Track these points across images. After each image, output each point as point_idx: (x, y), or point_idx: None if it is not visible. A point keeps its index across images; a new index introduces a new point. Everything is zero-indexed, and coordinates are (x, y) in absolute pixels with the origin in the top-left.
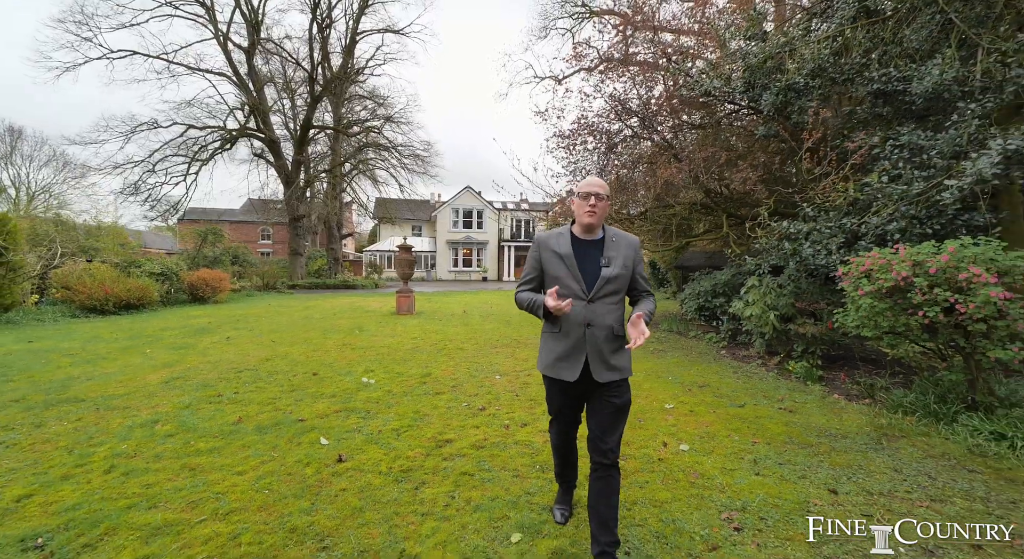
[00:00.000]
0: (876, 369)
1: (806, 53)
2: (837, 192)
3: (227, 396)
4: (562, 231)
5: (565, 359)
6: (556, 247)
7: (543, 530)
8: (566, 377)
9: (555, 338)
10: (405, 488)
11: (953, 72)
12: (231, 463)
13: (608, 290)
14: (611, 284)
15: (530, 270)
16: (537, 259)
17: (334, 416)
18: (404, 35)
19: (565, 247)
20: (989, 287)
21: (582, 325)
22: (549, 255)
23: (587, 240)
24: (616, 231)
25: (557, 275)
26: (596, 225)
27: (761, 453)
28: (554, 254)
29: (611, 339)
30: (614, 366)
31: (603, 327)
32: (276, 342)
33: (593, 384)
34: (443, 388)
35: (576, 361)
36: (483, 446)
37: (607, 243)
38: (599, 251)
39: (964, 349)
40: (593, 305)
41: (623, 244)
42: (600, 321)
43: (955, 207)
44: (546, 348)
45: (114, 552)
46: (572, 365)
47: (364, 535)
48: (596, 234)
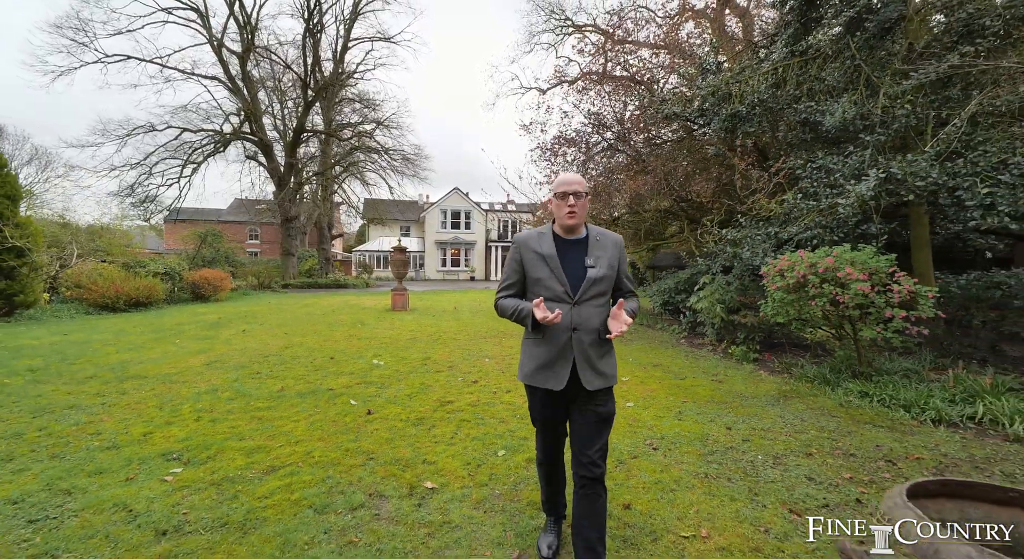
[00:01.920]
0: (803, 352)
1: (748, 87)
2: (764, 206)
3: (264, 373)
4: (543, 231)
5: (550, 367)
6: (538, 247)
7: (520, 448)
8: (552, 386)
9: (538, 344)
10: (421, 429)
11: (854, 111)
12: (287, 415)
13: (594, 292)
14: (597, 285)
15: (511, 273)
16: (518, 261)
17: (356, 387)
18: (395, 43)
19: (548, 247)
20: (858, 282)
21: (568, 330)
22: (531, 256)
23: (570, 240)
24: (600, 230)
25: (539, 277)
26: (578, 225)
27: (687, 408)
28: (536, 255)
29: (598, 343)
30: (602, 372)
31: (590, 331)
32: (289, 334)
33: (579, 392)
34: (442, 368)
35: (562, 368)
36: (477, 404)
37: (591, 242)
38: (583, 251)
39: (849, 331)
40: (579, 308)
41: (608, 243)
42: (586, 324)
43: (855, 219)
44: (528, 355)
45: (228, 460)
46: (558, 373)
47: (396, 452)
48: (579, 233)
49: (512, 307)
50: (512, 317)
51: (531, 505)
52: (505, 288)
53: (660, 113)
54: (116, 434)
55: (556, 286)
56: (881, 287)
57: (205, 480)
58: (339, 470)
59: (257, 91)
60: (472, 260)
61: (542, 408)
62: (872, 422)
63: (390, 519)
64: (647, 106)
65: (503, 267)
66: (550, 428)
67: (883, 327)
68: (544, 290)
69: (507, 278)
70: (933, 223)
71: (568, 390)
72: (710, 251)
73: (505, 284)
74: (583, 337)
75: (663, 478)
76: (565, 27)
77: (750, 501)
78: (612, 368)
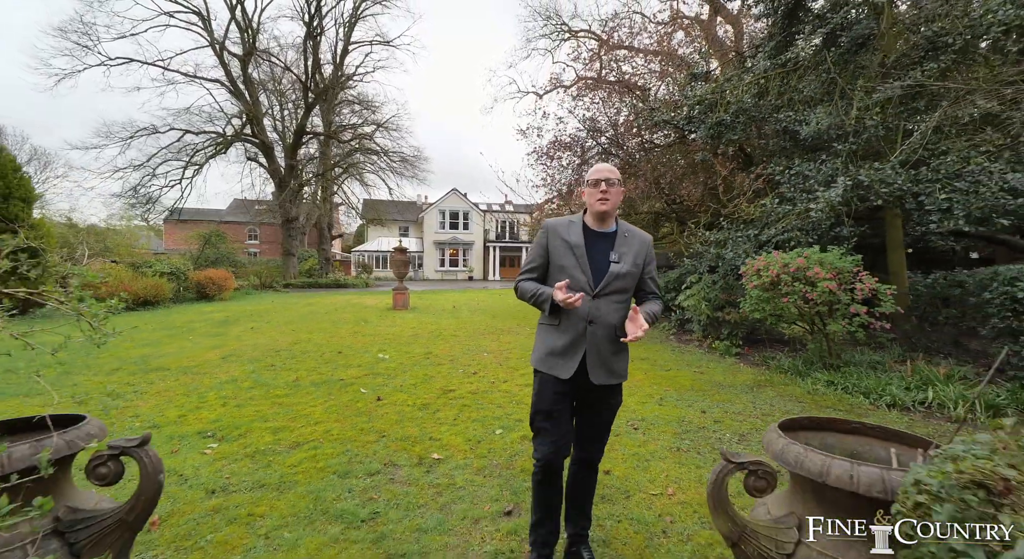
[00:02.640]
0: (782, 347)
1: (732, 96)
2: (744, 210)
3: (279, 365)
4: (574, 219)
5: (561, 354)
6: (566, 235)
7: (515, 428)
8: (560, 373)
9: (553, 331)
10: (427, 412)
11: (828, 121)
12: (304, 401)
13: (616, 287)
14: (620, 281)
15: (535, 257)
16: (544, 246)
17: (365, 377)
18: (394, 47)
19: (576, 236)
20: (825, 281)
21: (584, 321)
22: (558, 243)
23: (599, 232)
24: (629, 226)
25: (563, 265)
26: (610, 213)
27: (668, 395)
28: (564, 242)
29: (612, 339)
30: (613, 369)
31: (606, 326)
32: (296, 331)
33: (587, 386)
34: (443, 361)
35: (572, 358)
36: (476, 392)
37: (619, 237)
38: (610, 245)
39: (819, 326)
40: (598, 301)
41: (636, 240)
42: (603, 319)
43: (829, 222)
44: (542, 341)
45: (258, 437)
46: (567, 362)
47: (405, 431)
48: (609, 226)
49: (532, 290)
50: (531, 299)
51: (524, 472)
52: (528, 271)
53: (651, 120)
54: (153, 416)
55: (579, 276)
56: (847, 285)
57: (240, 453)
58: (356, 445)
59: (258, 93)
60: (470, 260)
61: (550, 397)
62: (833, 406)
63: (403, 482)
64: (639, 112)
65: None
66: (553, 423)
67: (848, 322)
68: (567, 278)
69: (531, 260)
70: (905, 226)
71: (577, 382)
72: (696, 252)
73: (528, 267)
74: (598, 330)
75: (640, 452)
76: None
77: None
78: (624, 367)
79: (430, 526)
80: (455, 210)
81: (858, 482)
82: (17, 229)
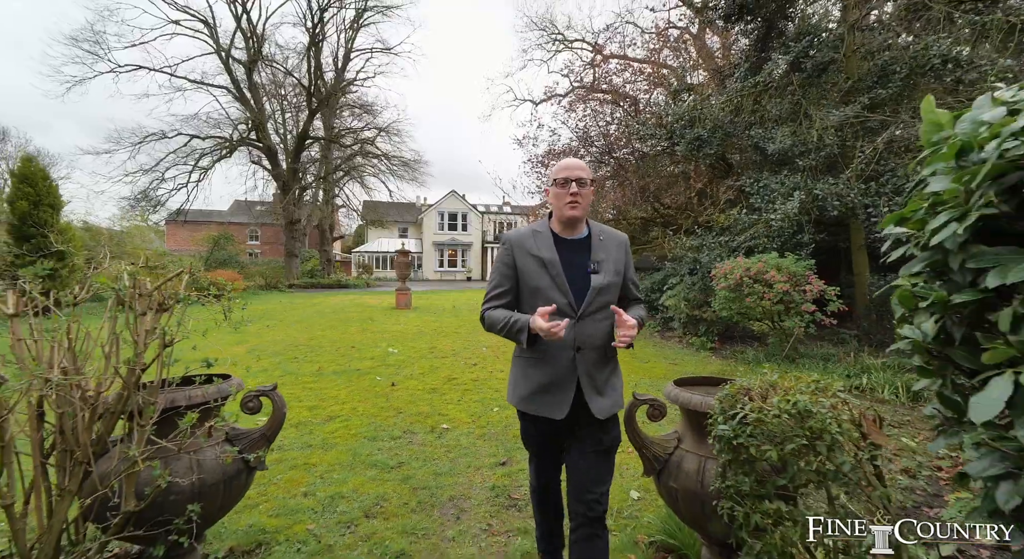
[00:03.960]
0: (753, 342)
1: (708, 113)
2: (716, 219)
3: (301, 358)
4: (539, 228)
5: (549, 391)
6: (535, 250)
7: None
8: (552, 415)
9: (534, 365)
10: (435, 395)
11: (791, 140)
12: (329, 386)
13: (600, 303)
14: (603, 295)
15: (501, 280)
16: (510, 266)
17: (378, 368)
18: (396, 54)
19: (547, 249)
20: (780, 283)
21: (571, 349)
22: (527, 261)
23: (571, 240)
24: (602, 228)
25: (538, 286)
26: (580, 218)
27: (643, 382)
28: (534, 260)
29: (603, 361)
30: (610, 395)
31: (594, 349)
32: (309, 328)
33: (581, 418)
34: (446, 354)
35: (564, 394)
36: (477, 380)
37: (594, 243)
38: (586, 253)
39: (778, 322)
40: (583, 323)
41: (612, 243)
42: (591, 341)
43: (791, 230)
44: (522, 376)
45: (296, 412)
46: (559, 399)
47: (418, 408)
48: (580, 231)
49: (503, 319)
50: (502, 331)
51: (515, 437)
52: (494, 298)
53: (636, 134)
54: None
55: (558, 297)
56: (799, 287)
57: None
58: (379, 418)
59: (261, 98)
60: (469, 261)
61: (539, 438)
62: None
63: (420, 444)
64: (628, 125)
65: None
66: (549, 456)
67: (801, 318)
68: (543, 302)
69: (496, 285)
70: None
71: (570, 415)
72: (677, 256)
73: (494, 293)
74: (587, 357)
75: None
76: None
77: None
78: (620, 388)
79: (443, 471)
80: (454, 211)
81: (698, 404)
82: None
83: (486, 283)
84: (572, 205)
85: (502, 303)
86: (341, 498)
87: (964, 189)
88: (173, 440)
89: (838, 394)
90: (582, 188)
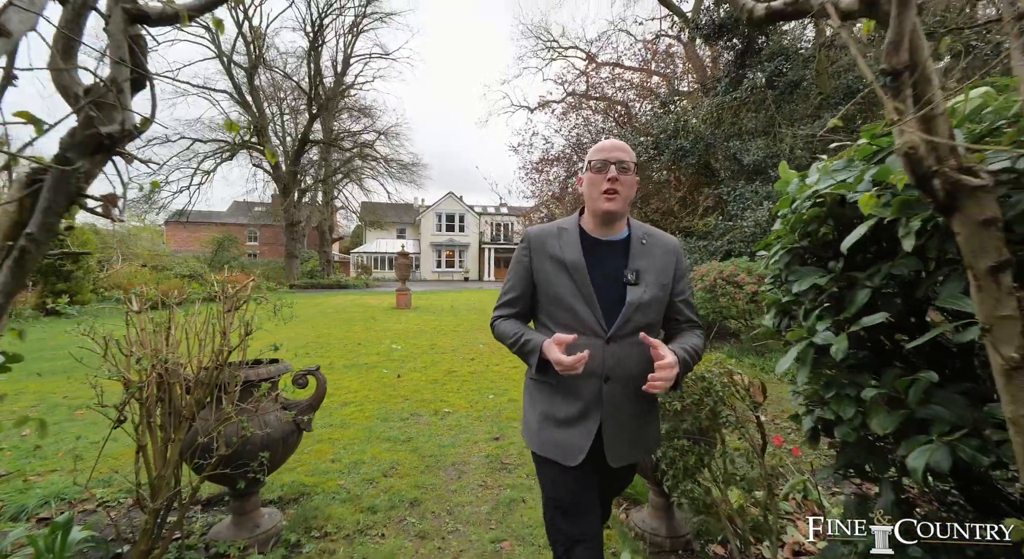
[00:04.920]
0: (732, 339)
1: (692, 127)
2: (696, 225)
3: (312, 353)
4: (566, 225)
5: (564, 427)
6: (558, 250)
7: (502, 394)
8: (562, 459)
9: (553, 393)
10: (437, 385)
11: (763, 152)
12: (341, 378)
13: (638, 322)
14: (642, 314)
15: (516, 282)
16: (527, 269)
17: (384, 362)
18: (394, 59)
19: (572, 251)
20: (749, 284)
21: (597, 378)
22: (547, 264)
23: (605, 241)
24: (648, 229)
25: (558, 295)
26: (619, 214)
27: None
28: (555, 262)
29: (638, 398)
30: (641, 442)
31: (627, 381)
32: (315, 327)
33: (598, 463)
34: (446, 350)
35: (583, 434)
36: (474, 372)
37: (635, 247)
38: (623, 258)
39: (748, 321)
40: (615, 346)
41: (658, 249)
42: (623, 371)
43: (762, 236)
44: (541, 406)
45: None
46: (574, 441)
47: (422, 396)
48: (619, 231)
49: (512, 334)
50: (512, 349)
51: (507, 419)
52: (506, 304)
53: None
54: None
55: (582, 310)
56: None
57: None
58: (388, 404)
59: (262, 102)
60: (466, 262)
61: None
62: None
63: (426, 424)
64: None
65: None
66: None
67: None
68: (565, 314)
69: (510, 289)
70: None
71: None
72: None
73: (505, 299)
74: (617, 391)
75: None
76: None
77: None
78: (655, 437)
79: (446, 444)
80: (451, 213)
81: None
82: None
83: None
84: (609, 196)
85: (513, 312)
86: (362, 463)
87: (787, 229)
88: (251, 404)
89: (731, 369)
90: (623, 174)
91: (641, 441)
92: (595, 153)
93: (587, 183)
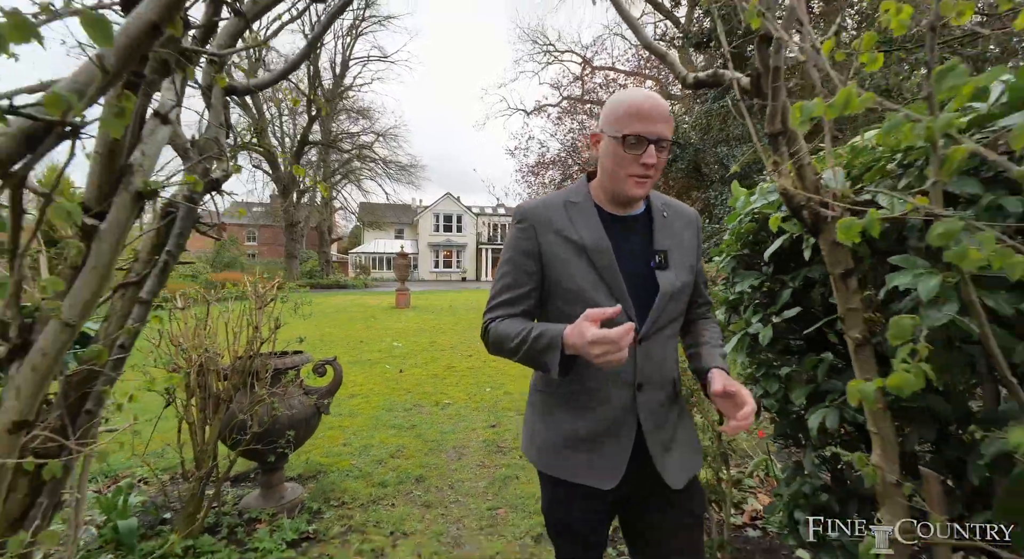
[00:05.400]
0: None
1: (681, 134)
2: None
3: (315, 351)
4: (574, 197)
5: (592, 445)
6: (570, 229)
7: (498, 387)
8: (598, 482)
9: (570, 403)
10: (437, 379)
11: (750, 159)
12: (348, 373)
13: (670, 315)
14: (675, 303)
15: (517, 275)
16: (531, 254)
17: (386, 359)
18: (392, 62)
19: (591, 229)
20: None
21: (629, 387)
22: (558, 247)
23: (622, 217)
24: (665, 199)
25: (577, 289)
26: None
27: None
28: (568, 245)
29: (670, 403)
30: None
31: (661, 386)
32: (318, 326)
33: (646, 489)
34: (445, 348)
35: (617, 451)
36: (473, 368)
37: (657, 222)
38: (644, 237)
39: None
40: (647, 345)
41: (679, 223)
42: (657, 375)
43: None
44: (551, 421)
45: None
46: (610, 458)
47: (424, 389)
48: (637, 205)
49: (517, 334)
50: (518, 352)
51: (504, 408)
52: (503, 304)
53: None
54: None
55: (607, 305)
56: None
57: None
58: (392, 396)
59: (261, 104)
60: (464, 262)
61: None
62: None
63: (428, 414)
64: None
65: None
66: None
67: None
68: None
69: (506, 285)
70: None
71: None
72: None
73: (502, 297)
74: (652, 398)
75: None
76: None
77: None
78: (696, 438)
79: (447, 430)
80: (449, 213)
81: None
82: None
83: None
84: (640, 181)
85: (516, 312)
86: (371, 446)
87: (733, 239)
88: (279, 388)
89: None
90: (661, 154)
91: (688, 451)
92: (629, 120)
93: (611, 156)
